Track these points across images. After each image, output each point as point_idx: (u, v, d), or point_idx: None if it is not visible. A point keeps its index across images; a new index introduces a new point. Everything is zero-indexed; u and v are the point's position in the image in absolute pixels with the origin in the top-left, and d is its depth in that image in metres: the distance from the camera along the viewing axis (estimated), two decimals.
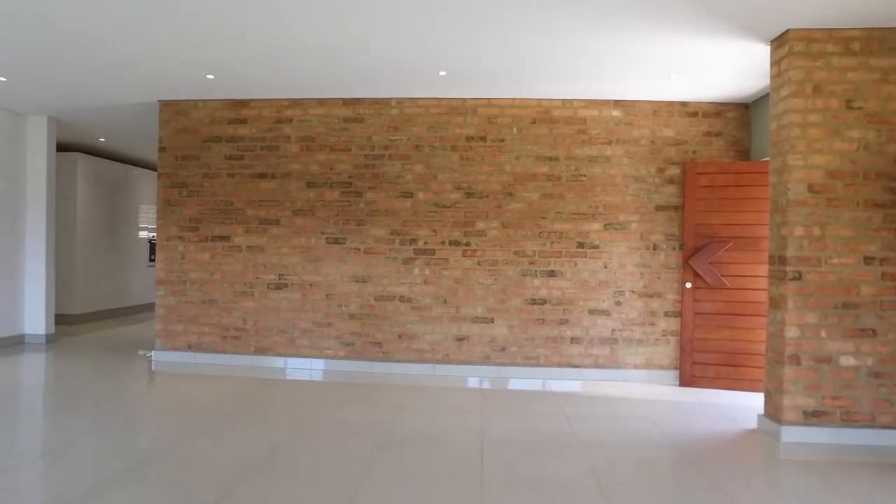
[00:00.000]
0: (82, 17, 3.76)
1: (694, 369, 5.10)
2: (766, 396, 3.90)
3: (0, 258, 6.27)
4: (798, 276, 3.66)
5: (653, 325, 5.39)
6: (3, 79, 5.17)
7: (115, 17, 3.78)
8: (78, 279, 8.11)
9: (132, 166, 9.40)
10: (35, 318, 6.57)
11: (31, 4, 3.60)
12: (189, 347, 5.73)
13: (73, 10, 3.66)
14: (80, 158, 8.16)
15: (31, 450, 3.48)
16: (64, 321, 7.67)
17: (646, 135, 5.41)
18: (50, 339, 6.63)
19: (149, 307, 9.62)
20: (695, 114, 5.38)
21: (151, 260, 9.82)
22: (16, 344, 6.43)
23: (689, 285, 5.13)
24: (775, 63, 3.86)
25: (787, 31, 3.67)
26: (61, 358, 6.00)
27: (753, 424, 3.99)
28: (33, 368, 5.70)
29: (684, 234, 5.19)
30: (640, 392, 4.98)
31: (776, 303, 3.78)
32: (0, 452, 3.32)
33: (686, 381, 5.13)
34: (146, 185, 9.72)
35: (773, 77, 3.91)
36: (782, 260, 3.72)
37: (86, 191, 8.30)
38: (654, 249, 5.40)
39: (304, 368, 5.53)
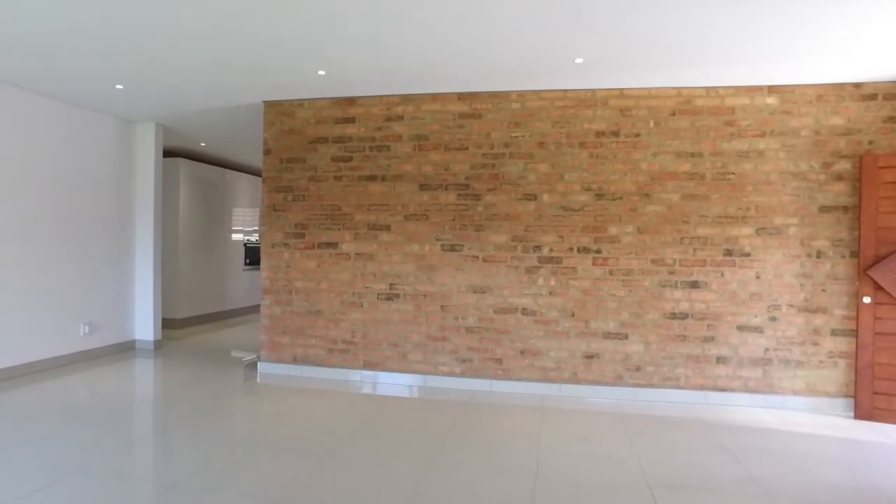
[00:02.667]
0: (198, 19, 3.51)
1: (875, 400, 4.33)
2: None
3: (113, 266, 6.29)
4: None
5: (816, 344, 4.65)
6: (120, 87, 5.08)
7: (229, 16, 3.51)
8: (180, 284, 8.14)
9: (228, 169, 9.41)
10: (144, 324, 6.57)
11: (147, 11, 3.37)
12: (295, 360, 5.49)
13: (190, 12, 3.41)
14: (183, 164, 8.20)
15: (157, 479, 3.25)
16: (167, 325, 7.72)
17: (808, 124, 4.67)
18: (157, 346, 6.61)
19: (245, 311, 9.67)
20: (872, 96, 4.58)
21: (247, 264, 9.84)
22: (127, 350, 6.44)
23: (867, 300, 4.36)
24: None
25: None
26: (169, 366, 5.91)
27: None
28: (146, 377, 5.62)
29: (860, 239, 4.41)
30: (808, 423, 4.28)
31: None
32: (127, 479, 3.10)
33: (864, 413, 4.36)
34: (241, 188, 9.73)
35: None
36: None
37: (187, 195, 8.34)
38: (818, 257, 4.65)
39: (417, 385, 5.16)
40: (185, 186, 8.27)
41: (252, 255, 9.97)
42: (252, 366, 5.86)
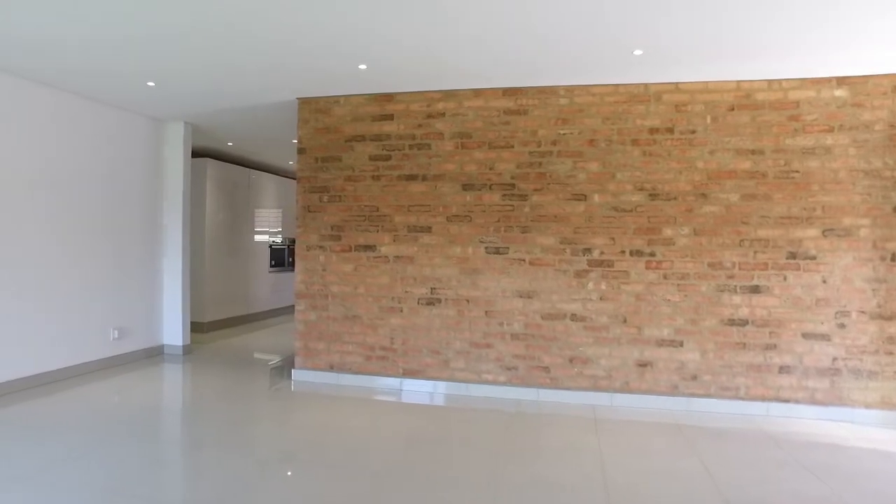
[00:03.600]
0: (240, 13, 3.32)
1: None
2: None
3: (142, 268, 6.14)
4: None
5: (891, 354, 4.35)
6: (151, 84, 4.92)
7: (264, 10, 3.31)
8: (207, 287, 8.00)
9: (253, 170, 9.27)
10: (173, 329, 6.42)
11: (181, 9, 3.20)
12: (331, 367, 5.29)
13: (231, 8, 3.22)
14: (210, 164, 8.05)
15: (195, 501, 3.05)
16: (193, 329, 7.55)
17: (882, 117, 4.37)
18: (186, 350, 6.45)
19: (271, 314, 9.52)
20: None
21: (272, 266, 9.68)
22: (156, 355, 6.29)
23: None
24: None
25: None
26: (200, 372, 5.74)
27: None
28: (177, 385, 5.46)
29: None
30: (885, 439, 3.98)
31: None
32: (164, 500, 2.91)
33: None
34: (265, 189, 9.58)
35: None
36: None
37: (213, 196, 8.19)
38: (893, 261, 4.35)
39: (460, 395, 4.93)
40: (211, 187, 8.13)
41: (277, 257, 9.81)
42: (280, 369, 5.68)
